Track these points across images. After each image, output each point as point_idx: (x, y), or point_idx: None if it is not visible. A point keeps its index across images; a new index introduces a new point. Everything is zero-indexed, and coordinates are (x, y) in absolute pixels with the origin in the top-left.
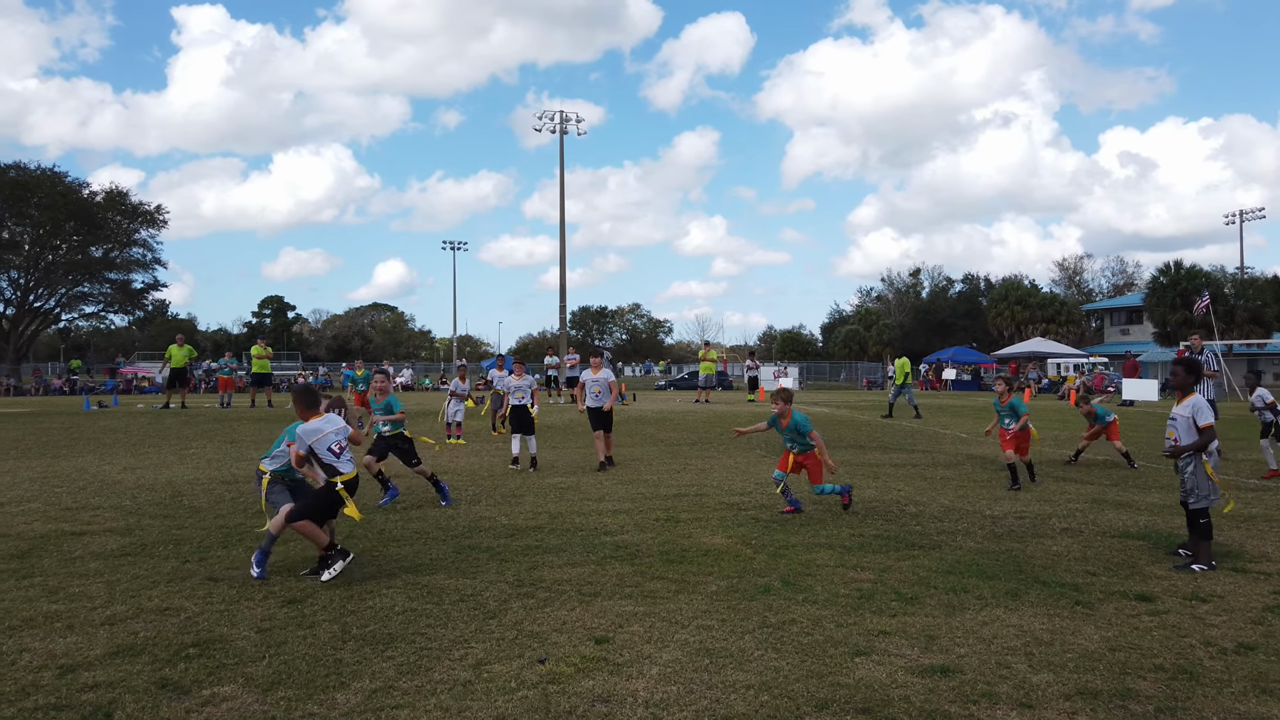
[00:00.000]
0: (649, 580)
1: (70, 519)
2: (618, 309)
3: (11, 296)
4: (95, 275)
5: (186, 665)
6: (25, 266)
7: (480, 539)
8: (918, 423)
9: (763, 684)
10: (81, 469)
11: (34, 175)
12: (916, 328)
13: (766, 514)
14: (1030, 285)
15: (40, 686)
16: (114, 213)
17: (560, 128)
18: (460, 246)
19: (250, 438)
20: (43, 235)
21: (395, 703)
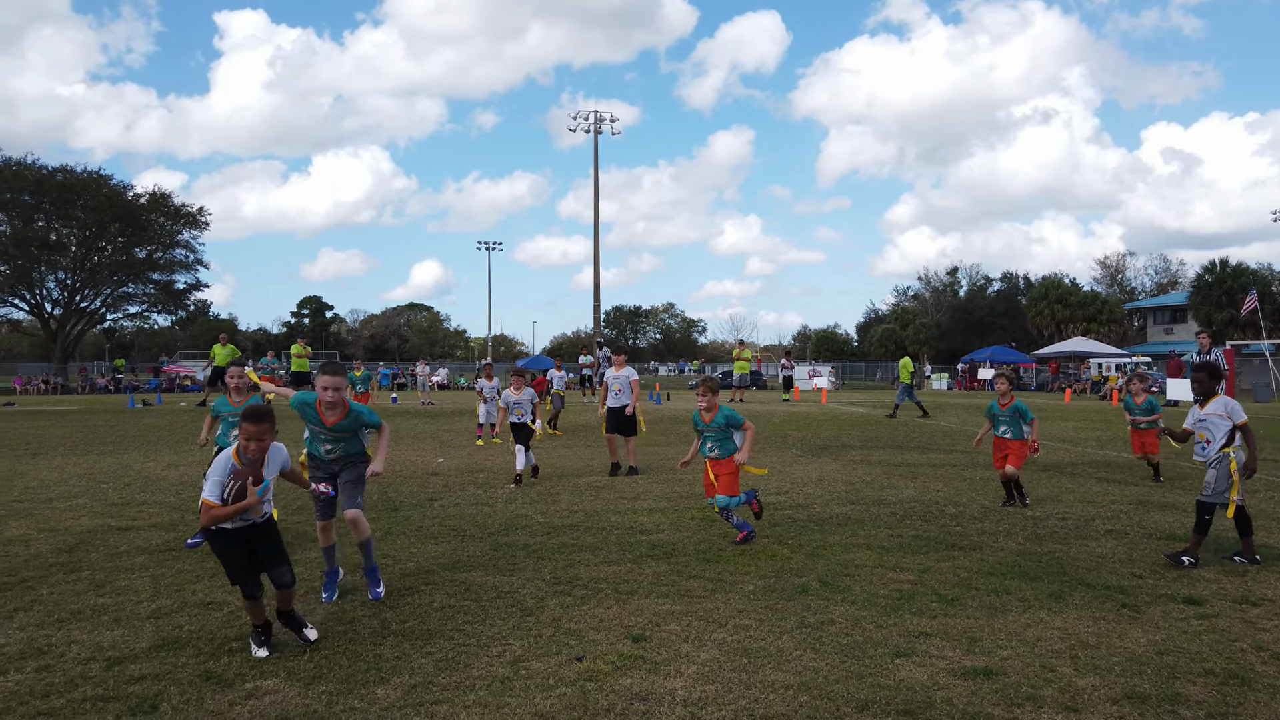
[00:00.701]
0: (686, 579)
1: (116, 514)
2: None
3: (59, 297)
4: (139, 276)
5: (230, 659)
6: (72, 267)
7: (517, 537)
8: (949, 423)
9: (802, 684)
10: (127, 466)
11: (80, 178)
12: (954, 327)
13: (803, 514)
14: (1071, 284)
15: (88, 678)
16: (157, 214)
17: (595, 127)
18: (495, 247)
19: (291, 435)
20: (89, 237)
21: (435, 698)
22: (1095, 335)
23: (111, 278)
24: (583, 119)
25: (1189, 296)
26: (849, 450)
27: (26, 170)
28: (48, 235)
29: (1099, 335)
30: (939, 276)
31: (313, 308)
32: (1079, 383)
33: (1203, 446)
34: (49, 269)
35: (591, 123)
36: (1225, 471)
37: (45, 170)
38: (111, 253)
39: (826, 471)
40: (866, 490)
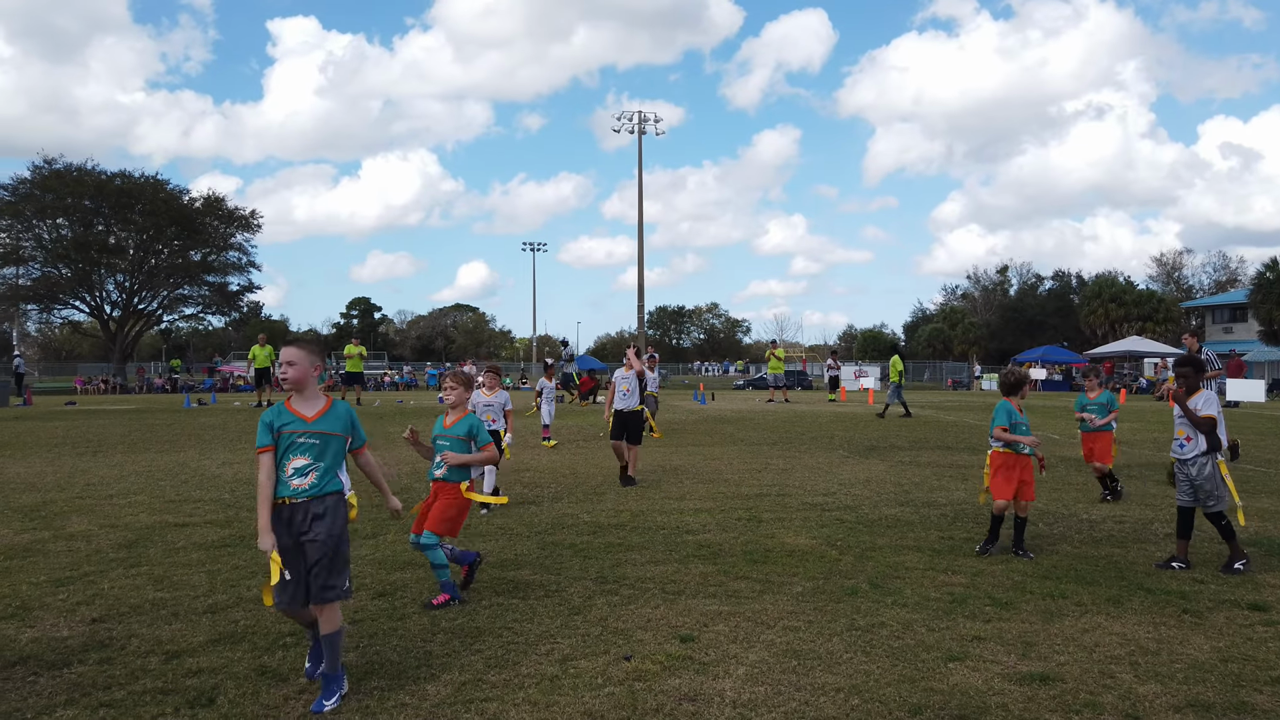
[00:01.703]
0: (733, 580)
1: (173, 511)
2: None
3: (117, 299)
4: (194, 278)
5: (284, 654)
6: (130, 270)
7: (563, 536)
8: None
9: (853, 687)
10: (183, 463)
11: (138, 183)
12: (1004, 326)
13: (851, 515)
14: (1125, 282)
15: (148, 671)
16: (212, 218)
17: (639, 128)
18: (540, 248)
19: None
20: (146, 240)
21: (484, 695)
22: (1151, 335)
23: (168, 280)
24: (627, 120)
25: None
26: (897, 451)
27: (87, 175)
28: (107, 239)
29: (1155, 334)
30: (988, 275)
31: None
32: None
33: (1181, 444)
34: (108, 272)
35: (636, 123)
36: (1217, 477)
37: (104, 175)
38: (168, 255)
39: (874, 473)
40: (916, 492)
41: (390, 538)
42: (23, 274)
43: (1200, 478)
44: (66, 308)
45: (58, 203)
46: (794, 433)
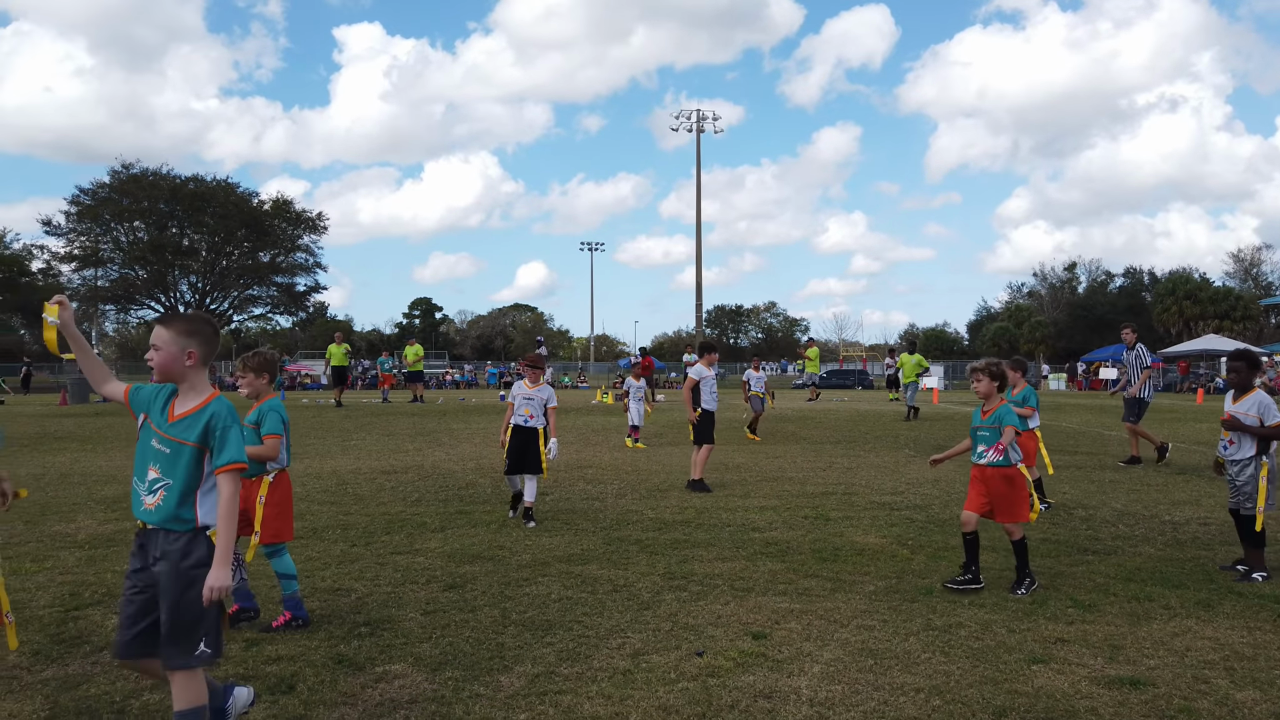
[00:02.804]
0: (802, 578)
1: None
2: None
3: (190, 299)
4: (263, 279)
5: (360, 643)
6: (202, 271)
7: (629, 532)
8: (1071, 424)
9: (933, 688)
10: None
11: (210, 187)
12: (1072, 325)
13: (922, 515)
14: (1201, 279)
15: (229, 657)
16: (280, 220)
17: (697, 126)
18: (598, 247)
19: (405, 430)
20: (217, 242)
21: (558, 688)
22: (1228, 333)
23: (238, 281)
24: (685, 119)
25: None
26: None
27: (162, 180)
28: (181, 241)
29: (1232, 333)
30: (1056, 272)
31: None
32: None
33: (1224, 445)
34: (182, 273)
35: (694, 122)
36: (1254, 477)
37: (178, 180)
38: (238, 257)
39: (943, 472)
40: None
41: (458, 530)
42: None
43: (1241, 478)
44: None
45: (134, 206)
46: (857, 432)
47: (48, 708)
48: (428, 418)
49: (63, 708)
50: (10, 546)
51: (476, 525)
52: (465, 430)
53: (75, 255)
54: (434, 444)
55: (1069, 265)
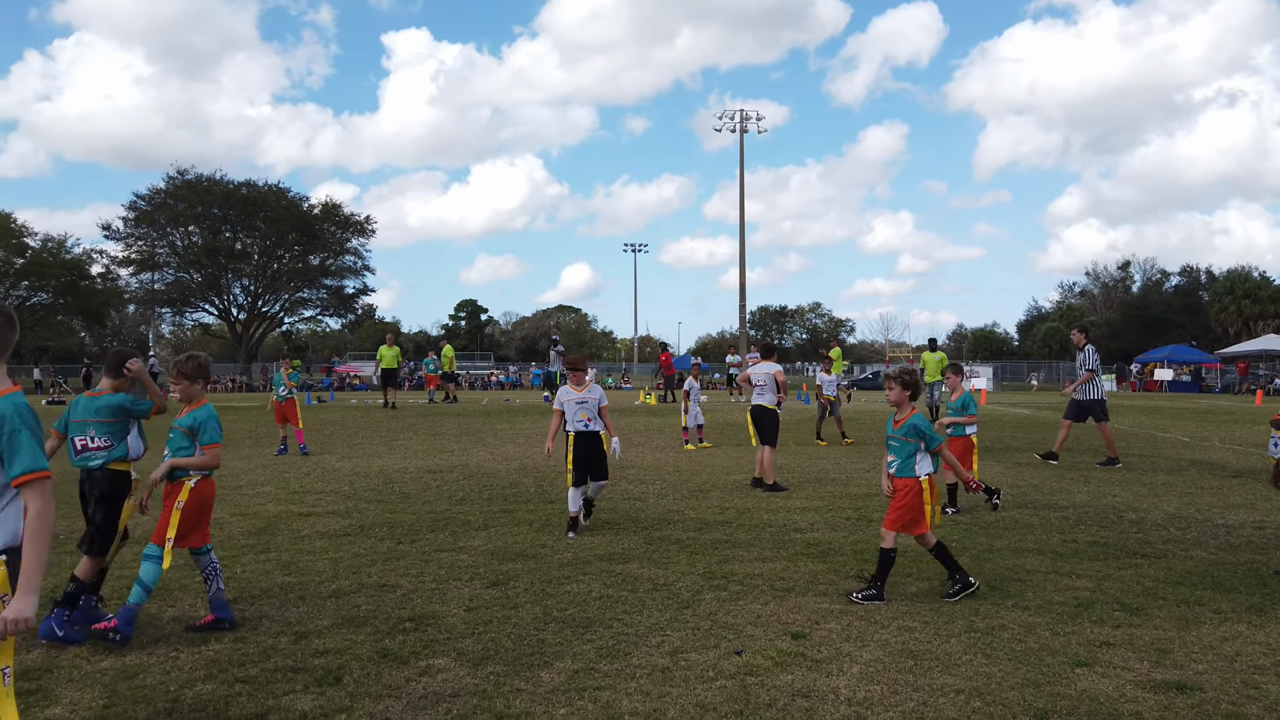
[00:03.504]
0: (843, 579)
1: (298, 501)
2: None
3: (243, 302)
4: (313, 281)
5: (404, 638)
6: (254, 274)
7: (670, 531)
8: (1124, 426)
9: (973, 689)
10: (305, 457)
11: (262, 191)
12: (1126, 325)
13: (966, 516)
14: (1261, 277)
15: (278, 650)
16: (329, 224)
17: (740, 127)
18: (641, 249)
19: (451, 431)
20: (269, 246)
21: (597, 684)
22: None
23: (289, 283)
24: (728, 119)
25: None
26: (1013, 452)
27: (215, 185)
28: (233, 245)
29: None
30: (1109, 271)
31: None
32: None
33: (1275, 443)
34: (235, 276)
35: (737, 122)
36: None
37: (231, 185)
38: (289, 260)
39: (989, 474)
40: (1035, 494)
41: (501, 529)
42: (158, 279)
43: None
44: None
45: (189, 211)
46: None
47: (106, 696)
48: (472, 418)
49: (120, 696)
50: (70, 541)
51: (519, 524)
52: (509, 431)
53: (133, 259)
54: (478, 444)
55: (1123, 264)
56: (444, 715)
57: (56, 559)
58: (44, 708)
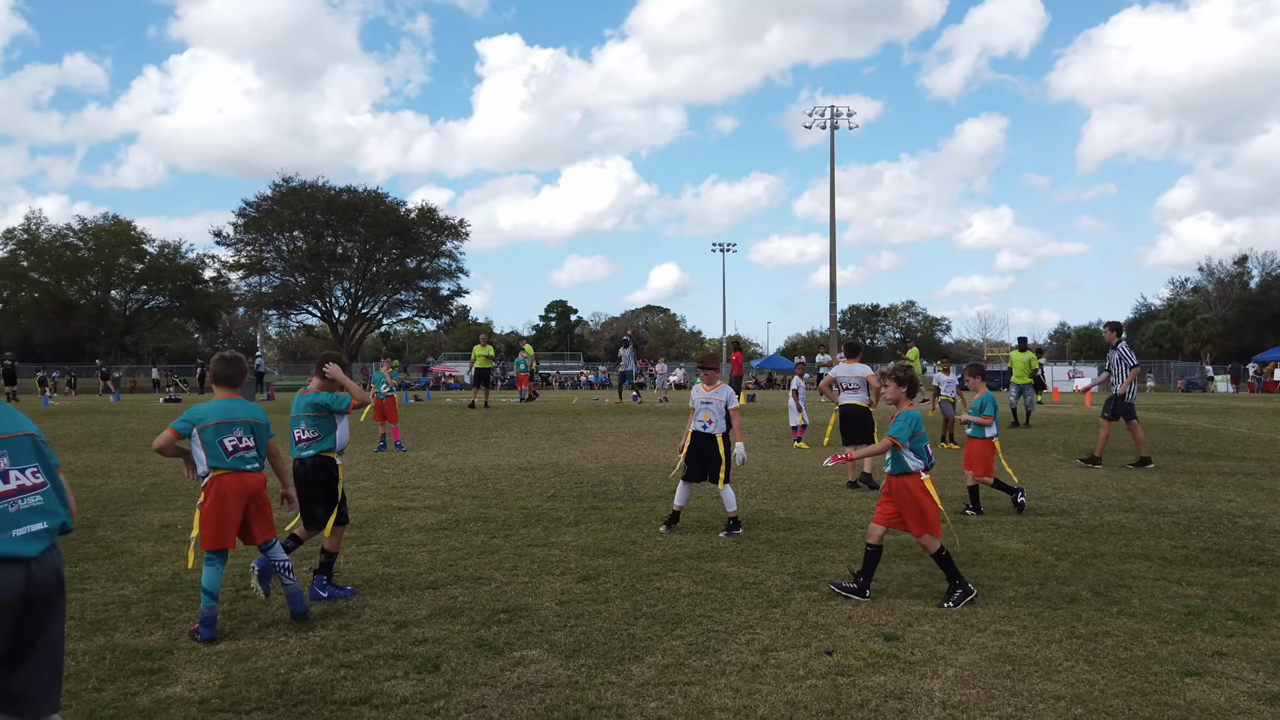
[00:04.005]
0: (938, 581)
1: (396, 496)
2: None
3: (344, 304)
4: (410, 284)
5: (499, 629)
6: (355, 277)
7: (759, 531)
8: (1241, 428)
9: (1075, 696)
10: (402, 454)
11: (361, 197)
12: (1243, 322)
13: (1068, 520)
14: None
15: (380, 638)
16: (425, 228)
17: (831, 123)
18: (729, 248)
19: (542, 429)
20: (368, 249)
21: (687, 679)
22: None
23: (387, 286)
24: (819, 115)
25: None
26: (1119, 455)
27: (318, 192)
28: (335, 249)
29: None
30: (1224, 266)
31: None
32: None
33: None
34: (336, 279)
35: (828, 119)
36: None
37: (333, 191)
38: (387, 263)
39: (1093, 477)
40: (1142, 498)
41: (591, 525)
42: (264, 282)
43: None
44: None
45: (294, 217)
46: (1001, 434)
47: (221, 677)
48: (562, 417)
49: (234, 677)
50: (188, 532)
51: (609, 521)
52: (599, 430)
53: (242, 264)
54: (569, 442)
55: (1239, 258)
56: (538, 705)
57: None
58: (165, 686)
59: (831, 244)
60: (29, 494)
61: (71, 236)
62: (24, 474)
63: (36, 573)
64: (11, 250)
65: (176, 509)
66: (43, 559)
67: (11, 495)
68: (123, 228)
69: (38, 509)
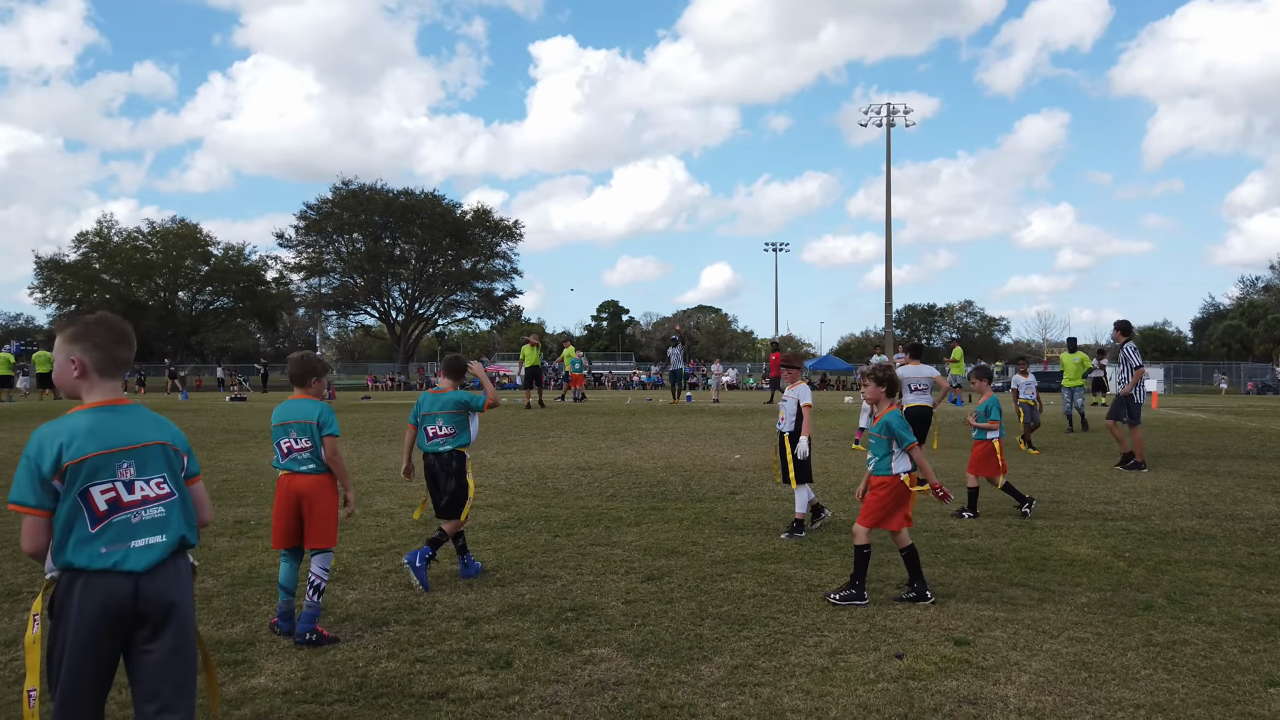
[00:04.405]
0: (1007, 586)
1: None
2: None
3: (401, 305)
4: (465, 284)
5: (567, 626)
6: (411, 278)
7: (821, 533)
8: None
9: (1154, 705)
10: None
11: (418, 199)
12: None
13: (1140, 526)
14: None
15: (452, 633)
16: (480, 229)
17: (887, 121)
18: (782, 248)
19: (598, 429)
20: (425, 251)
21: (757, 680)
22: None
23: (443, 286)
24: (874, 113)
25: None
26: (1190, 459)
27: (376, 194)
28: (393, 251)
29: None
30: None
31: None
32: None
33: None
34: (394, 280)
35: (884, 116)
36: None
37: (391, 194)
38: (443, 265)
39: (1164, 482)
40: (1216, 504)
41: (652, 525)
42: (324, 283)
43: None
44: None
45: (353, 220)
46: (1063, 437)
47: (303, 669)
48: (618, 417)
49: (315, 669)
50: (262, 527)
51: (669, 521)
52: (654, 430)
53: (303, 265)
54: (625, 442)
55: None
56: (610, 702)
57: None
58: (250, 677)
59: (887, 243)
60: (152, 505)
61: (141, 239)
62: (149, 484)
63: (146, 588)
64: (84, 253)
65: (248, 505)
66: (153, 573)
67: (135, 506)
68: (189, 230)
69: (158, 521)
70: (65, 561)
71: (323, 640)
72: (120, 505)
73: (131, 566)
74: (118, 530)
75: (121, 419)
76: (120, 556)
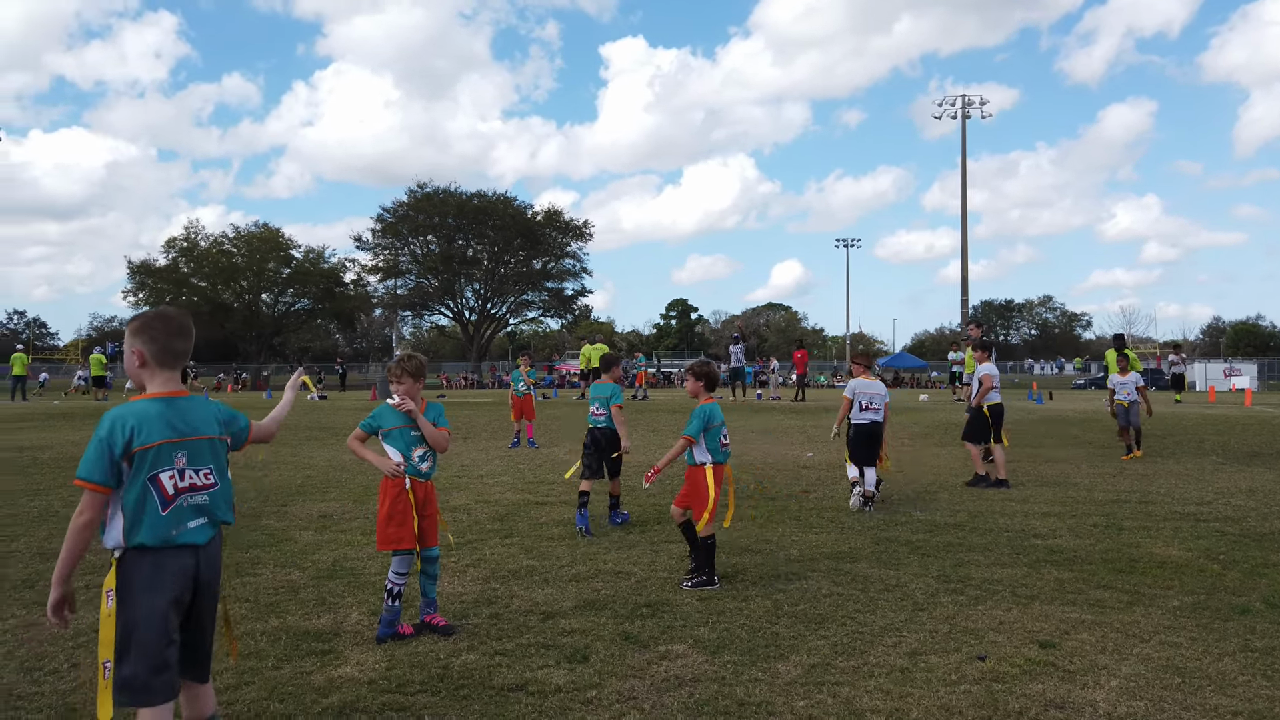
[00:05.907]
0: (1093, 589)
1: (533, 491)
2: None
3: (474, 305)
4: (535, 284)
5: (643, 622)
6: (484, 279)
7: (898, 533)
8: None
9: (1254, 712)
10: (535, 450)
11: (490, 201)
12: None
13: (1234, 528)
14: None
15: (529, 627)
16: (551, 229)
17: (963, 113)
18: (854, 244)
19: (668, 426)
20: (497, 252)
21: (835, 679)
22: None
23: (514, 287)
24: (949, 105)
25: None
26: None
27: (450, 197)
28: (466, 252)
29: None
30: None
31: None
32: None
33: None
34: (467, 281)
35: (959, 108)
36: None
37: (464, 196)
38: (514, 265)
39: (1259, 482)
40: None
41: (727, 524)
42: (400, 285)
43: None
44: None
45: (428, 222)
46: (1150, 435)
47: (386, 660)
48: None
49: (399, 660)
50: (344, 521)
51: (741, 519)
52: None
53: (380, 267)
54: None
55: None
56: (687, 699)
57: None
58: (336, 667)
59: (963, 237)
60: (199, 493)
61: (226, 244)
62: (198, 474)
63: (203, 559)
64: (173, 258)
65: (331, 500)
66: (208, 548)
67: (185, 492)
68: (272, 234)
69: (201, 507)
70: (138, 542)
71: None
72: (178, 490)
73: (195, 541)
74: (181, 513)
75: (184, 411)
76: (185, 535)
